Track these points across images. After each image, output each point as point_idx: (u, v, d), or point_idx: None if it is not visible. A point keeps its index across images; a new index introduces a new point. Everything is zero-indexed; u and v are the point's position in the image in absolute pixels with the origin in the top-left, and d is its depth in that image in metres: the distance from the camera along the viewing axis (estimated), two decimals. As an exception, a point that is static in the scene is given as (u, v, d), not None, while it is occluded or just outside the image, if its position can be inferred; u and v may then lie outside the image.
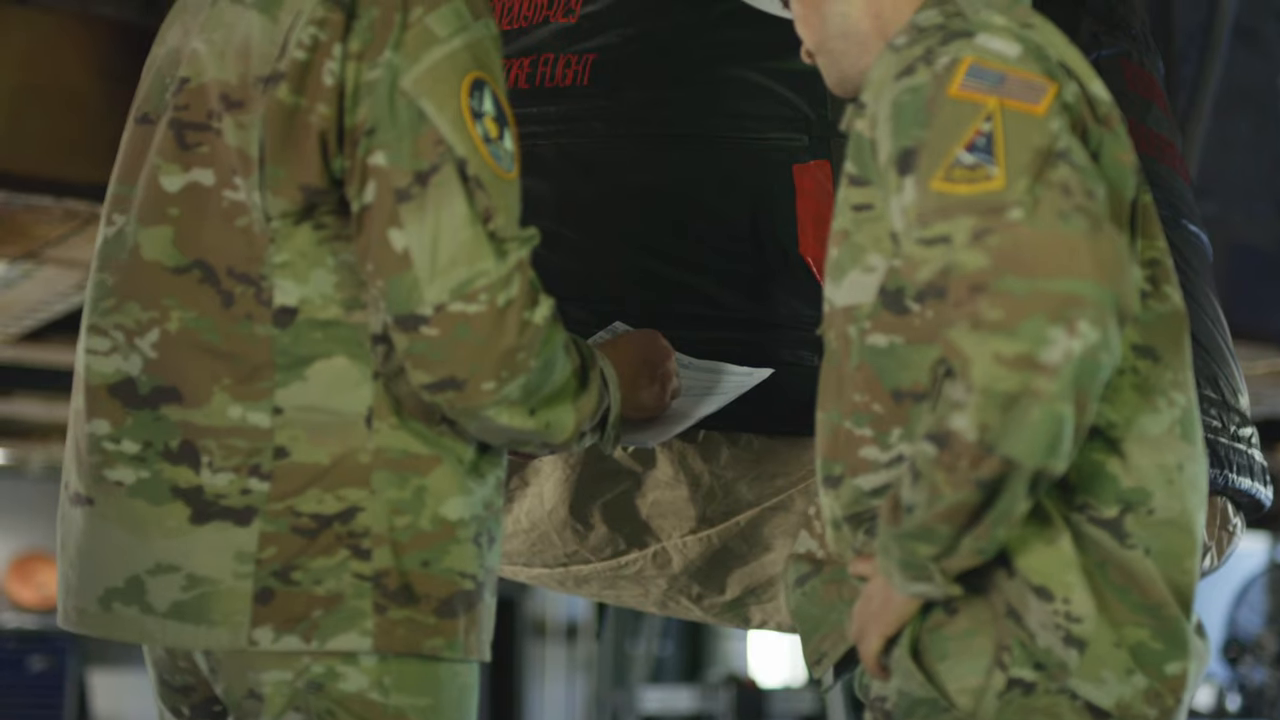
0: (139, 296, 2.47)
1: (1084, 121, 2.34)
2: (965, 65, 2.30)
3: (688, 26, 3.28)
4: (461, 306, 2.35)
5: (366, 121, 2.38)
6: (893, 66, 2.37)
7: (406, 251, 2.35)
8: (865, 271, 2.38)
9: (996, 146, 2.24)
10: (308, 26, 2.39)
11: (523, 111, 3.27)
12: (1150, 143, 3.53)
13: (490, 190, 2.38)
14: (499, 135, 2.41)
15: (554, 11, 3.35)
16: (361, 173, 2.38)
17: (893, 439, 2.37)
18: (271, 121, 2.39)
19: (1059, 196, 2.20)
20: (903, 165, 2.30)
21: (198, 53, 2.48)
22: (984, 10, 2.40)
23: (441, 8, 2.41)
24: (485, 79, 2.41)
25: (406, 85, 2.37)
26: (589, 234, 3.19)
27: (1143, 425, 2.38)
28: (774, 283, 3.13)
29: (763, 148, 3.19)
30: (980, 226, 2.20)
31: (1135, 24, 3.72)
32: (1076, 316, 2.14)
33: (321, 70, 2.39)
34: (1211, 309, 3.58)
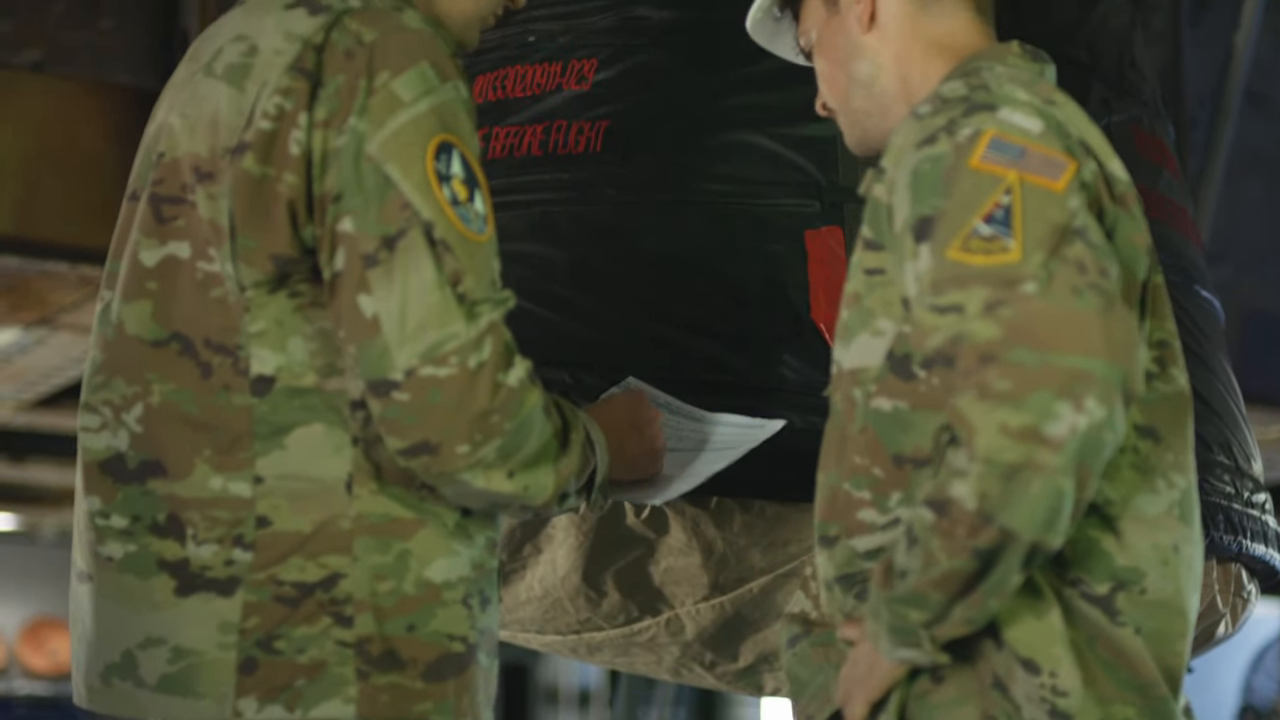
0: (123, 372, 2.49)
1: (1101, 200, 2.35)
2: (987, 138, 2.31)
3: (700, 93, 3.30)
4: (432, 370, 2.34)
5: (334, 188, 2.38)
6: (915, 134, 2.38)
7: (376, 317, 2.35)
8: (874, 335, 2.39)
9: (1014, 220, 2.25)
10: (273, 96, 2.40)
11: (536, 178, 3.29)
12: (1162, 208, 3.54)
13: (458, 253, 2.37)
14: (468, 197, 2.40)
15: (567, 79, 3.37)
16: (331, 240, 2.38)
17: (891, 503, 2.37)
18: (239, 192, 2.40)
19: (1074, 273, 2.21)
20: (920, 232, 2.31)
21: (173, 127, 2.50)
22: (1008, 84, 2.41)
23: (407, 71, 2.40)
24: (453, 141, 2.41)
25: (372, 150, 2.37)
26: (602, 299, 3.20)
27: (1140, 505, 2.38)
28: (786, 348, 3.13)
29: (775, 213, 3.20)
30: (994, 298, 2.21)
31: (1145, 90, 3.74)
32: (1084, 393, 2.14)
33: (288, 139, 2.39)
34: (1224, 374, 3.58)
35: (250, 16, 2.50)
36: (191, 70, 2.53)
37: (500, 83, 3.43)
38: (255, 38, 2.46)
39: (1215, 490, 3.35)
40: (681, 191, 3.24)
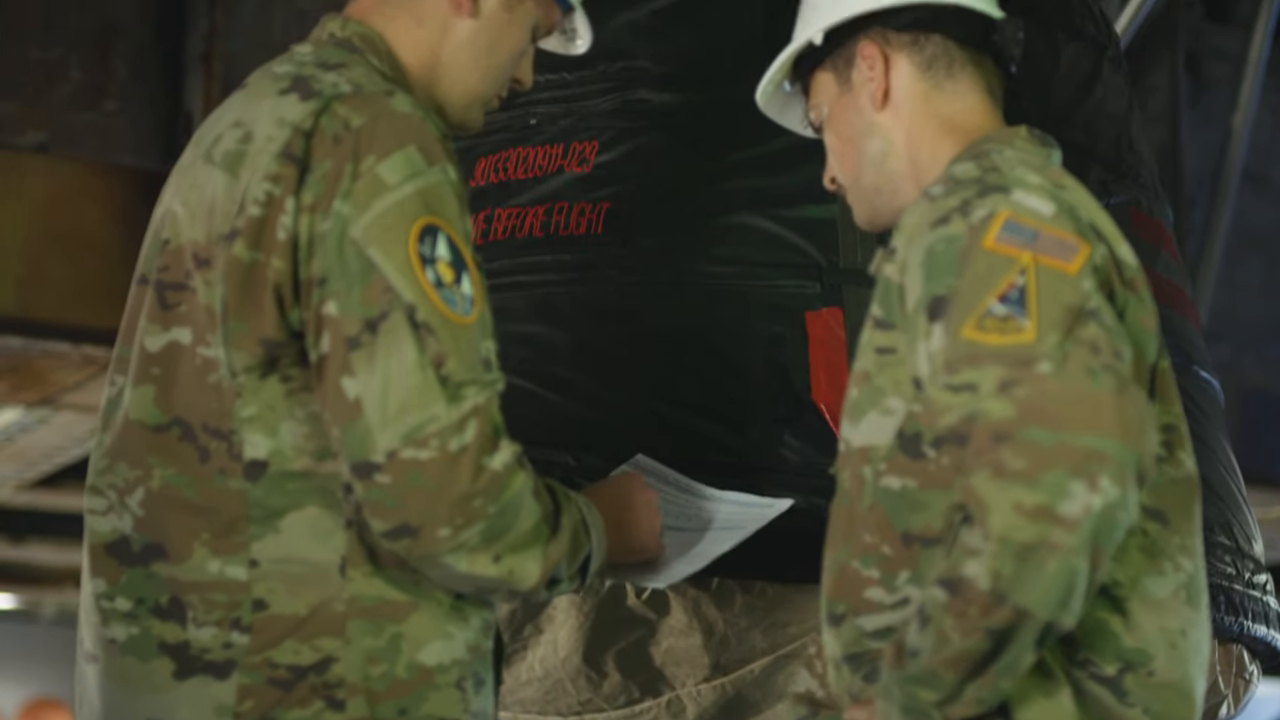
0: (127, 456, 2.50)
1: (1111, 284, 2.36)
2: (1001, 219, 2.33)
3: (700, 175, 3.31)
4: (413, 453, 2.34)
5: (319, 272, 2.38)
6: (928, 215, 2.39)
7: (358, 399, 2.35)
8: (884, 414, 2.39)
9: (1029, 300, 2.26)
10: (263, 183, 2.41)
11: (537, 259, 3.31)
12: (1161, 289, 3.54)
13: (441, 335, 2.37)
14: (454, 280, 2.40)
15: (569, 161, 3.38)
16: (317, 323, 2.39)
17: (899, 581, 2.36)
18: (230, 277, 2.41)
19: (1088, 354, 2.22)
20: (933, 311, 2.32)
21: (176, 214, 2.51)
22: (1019, 168, 2.43)
23: (393, 155, 2.41)
24: (438, 224, 2.41)
25: (355, 234, 2.38)
26: (604, 381, 3.21)
27: (1148, 587, 2.38)
28: (787, 429, 3.14)
29: (775, 295, 3.21)
30: (1008, 377, 2.22)
31: (1144, 171, 3.75)
32: (1099, 472, 2.15)
33: (276, 225, 2.40)
34: (1224, 455, 3.58)
35: (249, 101, 2.52)
36: (194, 155, 2.55)
37: (502, 164, 3.45)
38: (251, 124, 2.48)
39: (1217, 571, 3.35)
40: (682, 273, 3.25)
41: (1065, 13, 3.67)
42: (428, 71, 2.62)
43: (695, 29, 3.43)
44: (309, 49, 2.57)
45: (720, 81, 3.34)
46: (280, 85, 2.49)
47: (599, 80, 3.42)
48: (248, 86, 2.57)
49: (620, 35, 3.44)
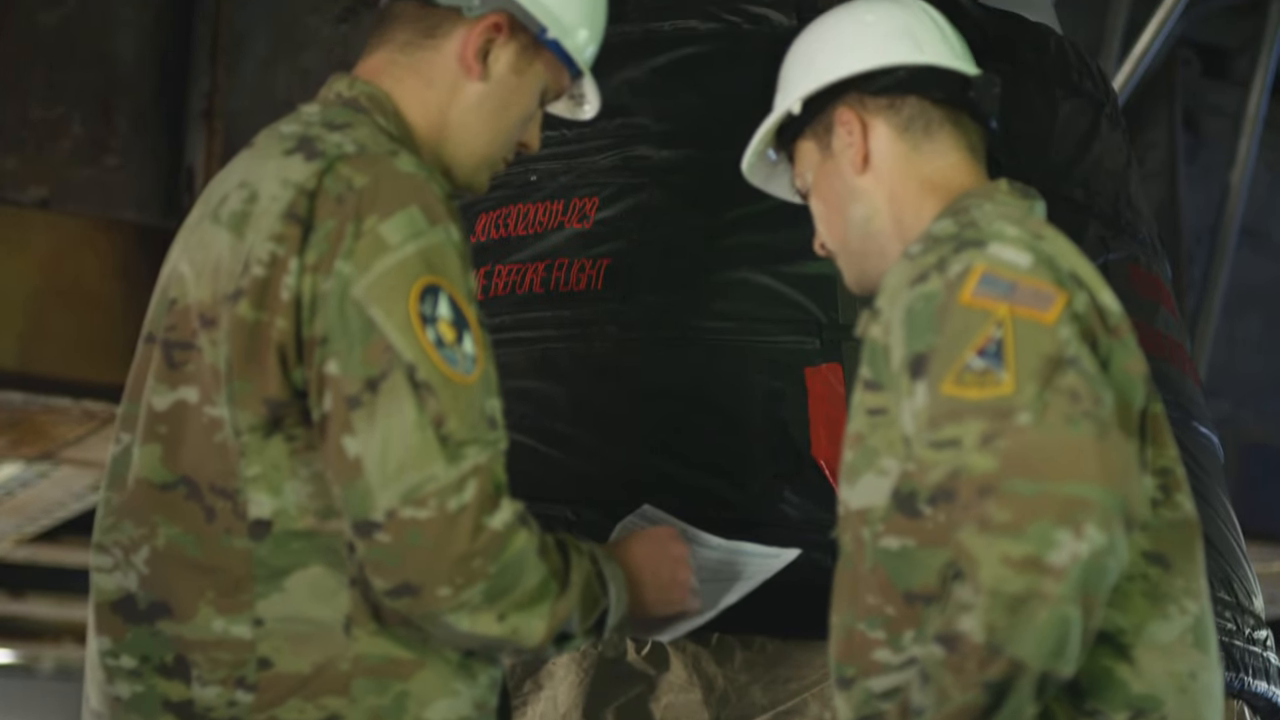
0: (133, 514, 2.50)
1: (1094, 331, 2.37)
2: (977, 273, 2.34)
3: (700, 231, 3.33)
4: (412, 512, 2.34)
5: (321, 332, 2.39)
6: (907, 274, 2.41)
7: (358, 458, 2.35)
8: (879, 475, 2.40)
9: (1006, 352, 2.27)
10: (267, 243, 2.42)
11: (537, 315, 3.32)
12: (1159, 345, 3.56)
13: (441, 394, 2.37)
14: (455, 339, 2.41)
15: (569, 217, 3.40)
16: (319, 383, 2.39)
17: (905, 641, 2.36)
18: (234, 337, 2.42)
19: (1067, 402, 2.23)
20: (915, 370, 2.33)
21: (183, 274, 2.52)
22: (997, 221, 2.45)
23: (395, 215, 2.41)
24: (439, 284, 2.41)
25: (357, 294, 2.38)
26: (604, 436, 3.21)
27: (1153, 632, 2.38)
28: (787, 484, 3.14)
29: (775, 350, 3.22)
30: (989, 430, 2.23)
31: (1142, 227, 3.77)
32: (1083, 520, 2.15)
33: (279, 285, 2.41)
34: (1224, 510, 3.58)
35: (255, 161, 2.53)
36: (201, 215, 2.56)
37: (503, 221, 3.46)
38: (256, 184, 2.48)
39: (1217, 627, 3.34)
40: (682, 329, 3.26)
41: (1063, 69, 3.69)
42: (435, 132, 2.63)
43: (694, 86, 3.45)
44: (316, 109, 2.58)
45: (719, 138, 3.35)
46: (286, 145, 2.50)
47: (599, 137, 3.43)
48: (255, 146, 2.58)
49: (620, 92, 3.46)
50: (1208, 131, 7.21)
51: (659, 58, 3.50)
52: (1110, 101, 3.87)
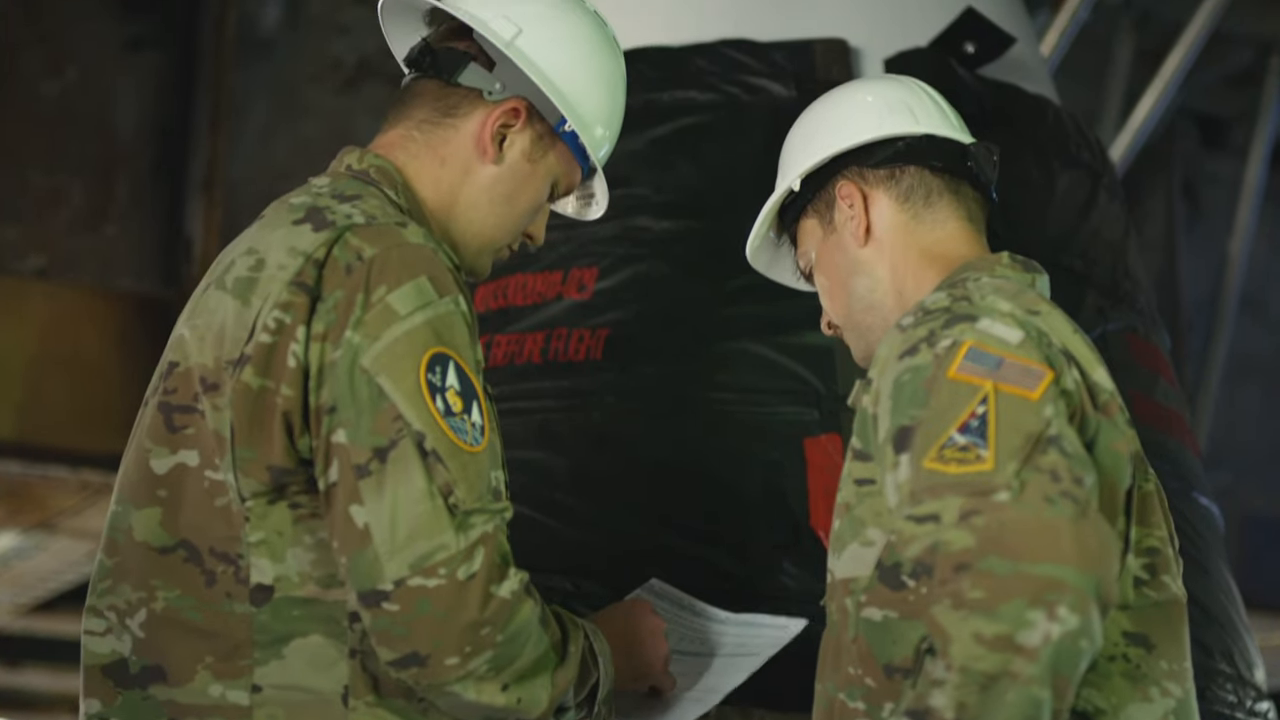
0: (129, 577, 2.49)
1: (1083, 409, 2.37)
2: (965, 348, 2.35)
3: (700, 302, 3.33)
4: (421, 581, 2.33)
5: (329, 400, 2.39)
6: (897, 346, 2.41)
7: (367, 528, 2.35)
8: (864, 545, 2.40)
9: (989, 429, 2.27)
10: (274, 310, 2.42)
11: (536, 386, 3.32)
12: (1158, 416, 3.55)
13: (450, 463, 2.37)
14: (463, 409, 2.41)
15: (568, 287, 3.40)
16: (326, 451, 2.39)
17: (884, 713, 2.35)
18: (239, 404, 2.42)
19: (1047, 481, 2.23)
20: (899, 443, 2.34)
21: (184, 338, 2.53)
22: (991, 295, 2.45)
23: (404, 286, 2.42)
24: (448, 354, 2.42)
25: (366, 363, 2.39)
26: (602, 506, 3.21)
27: (1132, 714, 2.37)
28: (786, 555, 3.13)
29: (774, 421, 3.22)
30: (968, 507, 2.23)
31: (1140, 298, 3.77)
32: (1057, 601, 2.15)
33: (286, 352, 2.41)
34: (1224, 581, 3.57)
35: (263, 230, 2.54)
36: (208, 283, 2.57)
37: (502, 291, 3.47)
38: (263, 252, 2.49)
39: (1218, 699, 3.33)
40: (681, 399, 3.26)
41: (1061, 140, 3.71)
42: (445, 211, 2.64)
43: (694, 157, 3.46)
44: (325, 181, 2.59)
45: (719, 210, 3.37)
46: (295, 215, 2.51)
47: (598, 207, 3.44)
48: (264, 217, 2.59)
49: (619, 163, 3.45)
50: (1206, 201, 7.23)
51: (659, 128, 3.52)
52: (1108, 172, 3.88)
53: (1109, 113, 6.25)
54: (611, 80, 2.72)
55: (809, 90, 3.45)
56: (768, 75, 3.52)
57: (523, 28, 2.62)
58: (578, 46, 2.67)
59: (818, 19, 3.63)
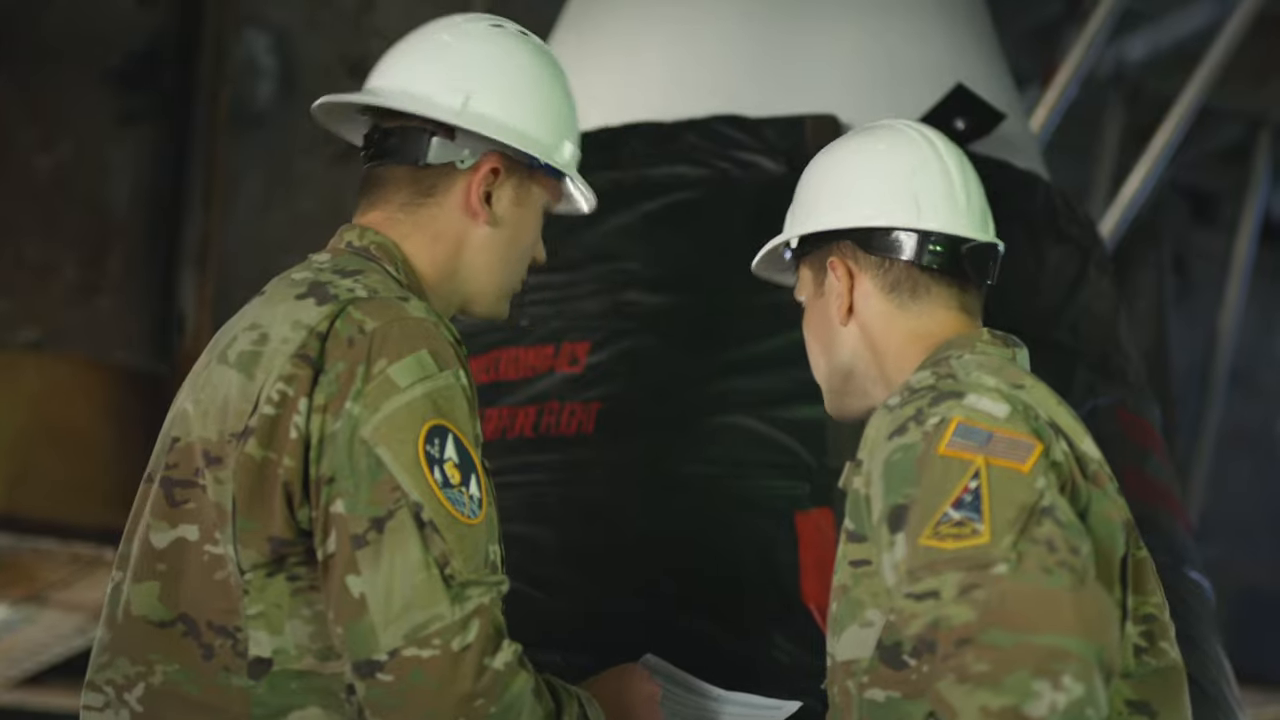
0: (128, 651, 2.49)
1: (1073, 479, 2.38)
2: (954, 425, 2.36)
3: (691, 376, 3.34)
4: (415, 651, 2.34)
5: (328, 471, 2.40)
6: (886, 426, 2.42)
7: (363, 597, 2.36)
8: (863, 626, 2.40)
9: (983, 503, 2.28)
10: (277, 383, 2.44)
11: (528, 460, 3.32)
12: (1149, 490, 3.56)
13: (447, 535, 2.38)
14: (461, 481, 2.42)
15: (559, 361, 3.41)
16: (324, 522, 2.40)
17: None
18: (241, 475, 2.43)
19: (1043, 552, 2.24)
20: (894, 522, 2.34)
21: (186, 413, 2.54)
22: (975, 371, 2.47)
23: (405, 358, 2.44)
24: (447, 426, 2.43)
25: (365, 434, 2.40)
26: (593, 580, 3.20)
27: None
28: (777, 630, 3.13)
29: (765, 495, 3.22)
30: (967, 581, 2.23)
31: (1130, 372, 3.78)
32: (1061, 670, 2.15)
33: (288, 424, 2.42)
34: (1215, 656, 3.56)
35: (266, 306, 2.56)
36: (209, 358, 2.58)
37: (494, 364, 3.48)
38: (267, 327, 2.51)
39: (1210, 773, 3.33)
40: (672, 473, 3.26)
41: (1050, 216, 3.72)
42: (447, 280, 2.67)
43: (685, 232, 3.48)
44: (326, 257, 2.62)
45: (710, 284, 3.38)
46: (297, 290, 2.53)
47: (590, 281, 3.45)
48: (266, 293, 2.60)
49: (611, 237, 3.48)
50: (1196, 275, 7.25)
51: (650, 203, 3.53)
52: (1098, 247, 3.90)
53: (1099, 188, 6.28)
54: (562, 100, 2.76)
55: (800, 166, 3.47)
56: (759, 151, 3.53)
57: (469, 91, 2.65)
58: (526, 86, 2.70)
59: (809, 95, 3.65)
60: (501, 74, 2.68)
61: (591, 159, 3.58)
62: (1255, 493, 7.32)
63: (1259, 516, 7.29)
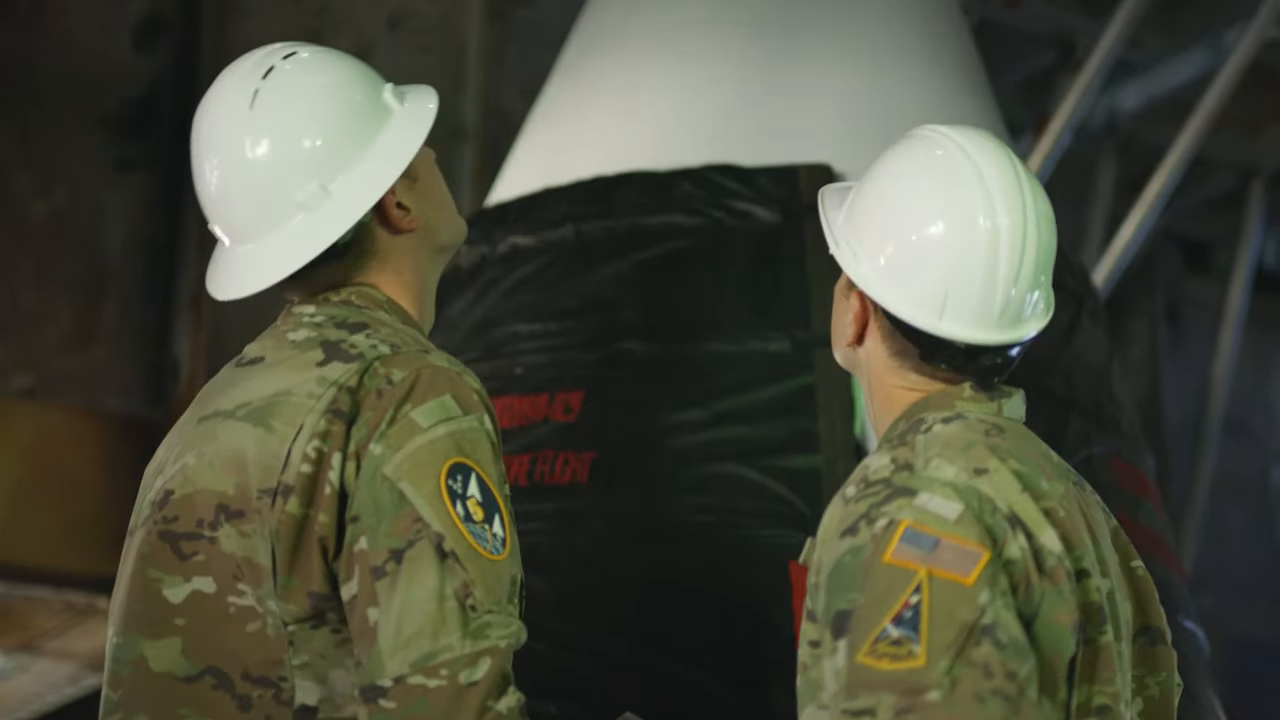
0: (149, 709, 2.47)
1: (1028, 576, 2.36)
2: (902, 529, 2.34)
3: (686, 425, 3.34)
4: (421, 679, 2.33)
5: (354, 512, 2.41)
6: (839, 523, 2.41)
7: (376, 625, 2.36)
8: (819, 708, 2.39)
9: (922, 621, 2.28)
10: (312, 440, 2.44)
11: (522, 509, 3.31)
12: (1142, 539, 3.55)
13: (469, 565, 2.37)
14: (484, 519, 2.42)
15: (553, 410, 3.41)
16: (349, 562, 2.40)
17: None
18: (284, 534, 2.43)
19: (979, 677, 2.24)
20: (837, 628, 2.34)
21: (188, 466, 2.52)
22: (936, 457, 2.43)
23: (429, 402, 2.45)
24: (469, 465, 2.44)
25: (388, 471, 2.41)
26: (586, 629, 3.20)
27: None
28: (775, 680, 3.12)
29: (759, 544, 3.22)
30: (901, 705, 2.24)
31: (1124, 421, 3.78)
32: None
33: (324, 480, 2.43)
34: (1210, 706, 3.56)
35: (273, 372, 2.53)
36: (201, 414, 2.56)
37: (488, 413, 3.48)
38: (284, 385, 2.49)
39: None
40: (667, 522, 3.26)
41: (1044, 265, 3.72)
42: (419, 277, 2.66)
43: (680, 281, 3.48)
44: (312, 309, 2.60)
45: (704, 333, 3.39)
46: (310, 350, 2.52)
47: (584, 330, 3.46)
48: (265, 361, 2.57)
49: (605, 286, 3.49)
50: (1189, 324, 7.26)
51: (644, 252, 3.54)
52: (1091, 296, 3.91)
53: (1092, 237, 6.29)
54: (352, 81, 2.63)
55: (794, 215, 3.49)
56: (753, 200, 3.54)
57: (318, 180, 2.57)
58: (333, 113, 2.59)
59: (803, 144, 3.66)
60: (314, 131, 2.58)
61: (587, 208, 3.60)
62: (1250, 542, 7.31)
63: (1254, 566, 7.28)
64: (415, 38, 6.02)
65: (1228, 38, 5.69)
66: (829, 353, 2.72)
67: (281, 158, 2.57)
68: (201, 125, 2.63)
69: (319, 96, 2.60)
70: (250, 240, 2.60)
